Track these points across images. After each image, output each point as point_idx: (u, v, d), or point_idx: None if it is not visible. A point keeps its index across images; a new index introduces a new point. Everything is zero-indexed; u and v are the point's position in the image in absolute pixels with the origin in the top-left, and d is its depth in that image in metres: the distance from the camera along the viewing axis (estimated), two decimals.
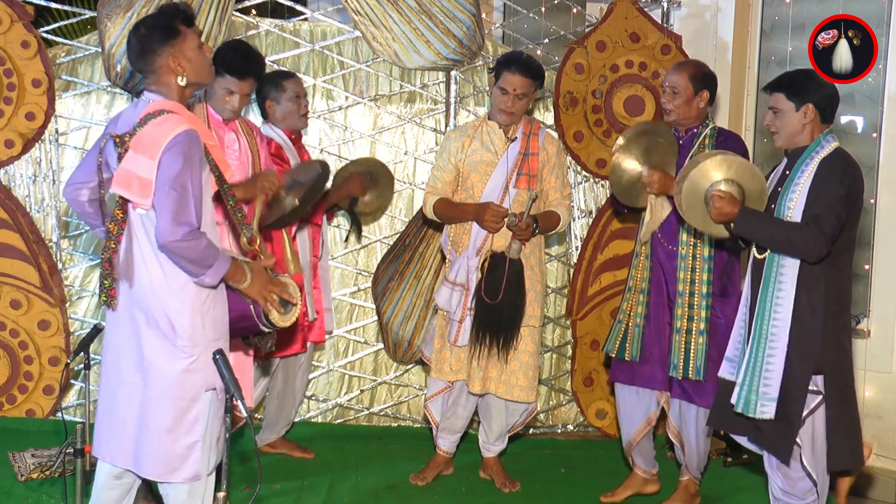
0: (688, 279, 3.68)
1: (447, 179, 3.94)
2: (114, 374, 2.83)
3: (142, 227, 2.74)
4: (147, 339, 2.75)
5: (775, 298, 3.12)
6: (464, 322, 3.85)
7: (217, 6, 4.33)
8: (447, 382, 3.99)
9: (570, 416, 4.94)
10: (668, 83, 3.74)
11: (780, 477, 3.21)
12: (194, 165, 2.68)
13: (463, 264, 3.87)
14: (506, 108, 3.83)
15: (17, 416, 4.50)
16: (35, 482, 3.83)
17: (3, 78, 4.36)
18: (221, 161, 2.86)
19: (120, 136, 2.71)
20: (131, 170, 2.67)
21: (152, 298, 2.73)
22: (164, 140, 2.65)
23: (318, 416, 4.80)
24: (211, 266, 2.69)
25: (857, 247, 4.87)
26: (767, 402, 3.11)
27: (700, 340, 3.65)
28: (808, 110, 3.14)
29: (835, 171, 3.07)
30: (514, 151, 3.89)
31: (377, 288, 4.65)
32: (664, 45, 4.66)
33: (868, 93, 4.84)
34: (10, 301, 4.45)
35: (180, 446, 2.77)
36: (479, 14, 4.55)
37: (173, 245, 2.64)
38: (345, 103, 4.71)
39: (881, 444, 4.75)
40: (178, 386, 2.75)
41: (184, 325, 2.74)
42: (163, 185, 2.64)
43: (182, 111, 2.77)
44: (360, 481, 4.10)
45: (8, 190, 4.47)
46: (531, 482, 4.13)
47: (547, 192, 3.96)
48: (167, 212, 2.63)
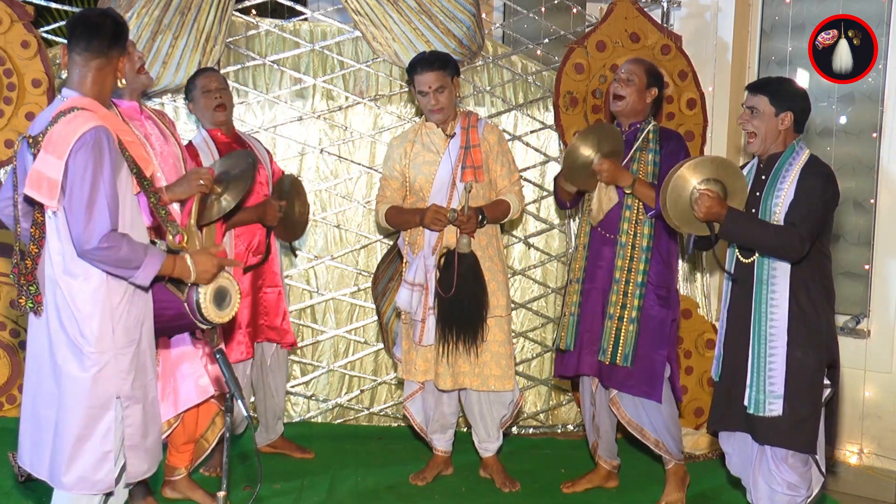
0: (625, 267, 3.76)
1: (395, 186, 3.98)
2: (33, 382, 2.76)
3: (53, 230, 2.64)
4: (58, 345, 2.67)
5: (770, 300, 3.21)
6: (426, 321, 3.87)
7: (217, 6, 4.33)
8: (419, 384, 4.01)
9: (570, 416, 4.93)
10: (624, 71, 3.84)
11: (787, 470, 3.26)
12: (105, 164, 2.57)
13: (420, 264, 3.89)
14: (432, 107, 3.86)
15: (17, 416, 4.47)
16: (35, 482, 3.82)
17: (3, 78, 4.36)
18: (140, 157, 2.76)
19: (34, 136, 2.62)
20: (41, 170, 2.57)
21: (62, 303, 2.65)
22: (72, 138, 2.55)
23: (318, 416, 4.80)
24: (139, 267, 2.60)
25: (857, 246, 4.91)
26: (775, 400, 3.19)
27: (631, 328, 3.73)
28: (786, 117, 3.23)
29: (820, 176, 3.18)
30: (455, 147, 3.91)
31: (377, 288, 4.63)
32: (664, 45, 4.66)
33: (868, 93, 4.84)
34: (11, 301, 4.45)
35: (93, 456, 2.70)
36: (479, 14, 4.55)
37: (91, 253, 2.56)
38: (345, 103, 4.70)
39: (881, 444, 4.75)
40: (88, 393, 2.66)
41: (92, 331, 2.65)
42: (72, 189, 2.54)
43: (96, 108, 2.67)
44: (360, 481, 4.11)
45: None
46: (531, 482, 4.13)
47: (495, 180, 3.99)
48: (79, 217, 2.54)
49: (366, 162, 4.74)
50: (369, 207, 4.73)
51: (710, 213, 3.15)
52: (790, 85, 3.34)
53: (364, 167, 4.72)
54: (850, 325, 4.83)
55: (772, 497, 3.31)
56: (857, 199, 4.90)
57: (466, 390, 3.98)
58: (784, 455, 3.25)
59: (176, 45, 4.29)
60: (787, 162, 3.22)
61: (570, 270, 4.00)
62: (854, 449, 4.82)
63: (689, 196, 3.20)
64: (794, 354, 3.18)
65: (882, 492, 4.60)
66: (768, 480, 3.30)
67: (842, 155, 4.91)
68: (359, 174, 4.72)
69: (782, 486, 3.27)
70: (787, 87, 3.29)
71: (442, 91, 3.84)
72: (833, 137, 4.92)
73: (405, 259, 4.03)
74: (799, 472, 3.26)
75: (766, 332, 3.21)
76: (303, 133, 4.68)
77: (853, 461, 4.81)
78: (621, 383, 3.79)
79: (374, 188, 4.77)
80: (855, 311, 4.88)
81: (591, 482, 4.08)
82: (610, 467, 4.09)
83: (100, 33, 2.70)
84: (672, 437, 3.85)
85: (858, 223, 4.90)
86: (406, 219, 3.95)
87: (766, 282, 3.21)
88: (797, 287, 3.17)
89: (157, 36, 4.28)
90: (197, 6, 4.27)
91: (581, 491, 4.05)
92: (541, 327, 4.86)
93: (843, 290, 4.97)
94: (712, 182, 3.18)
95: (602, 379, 3.87)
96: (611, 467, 4.09)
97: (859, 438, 4.81)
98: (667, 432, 3.83)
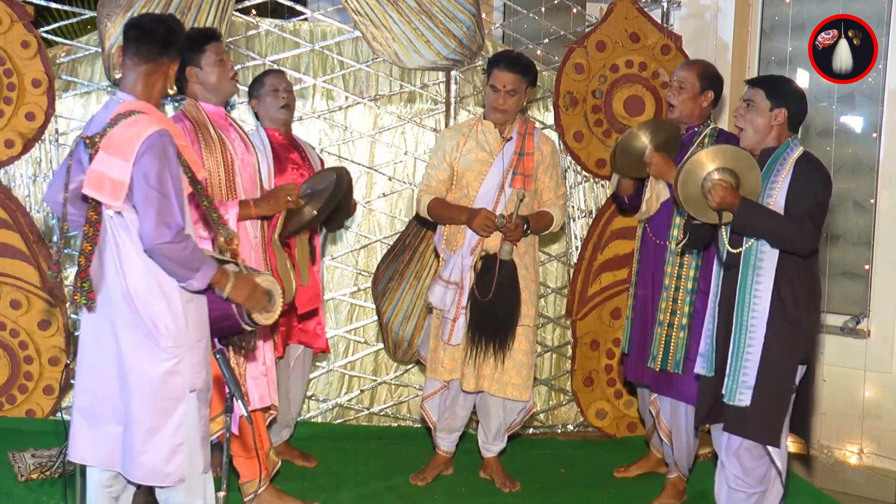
0: (674, 273, 3.75)
1: (442, 178, 3.95)
2: (91, 378, 2.79)
3: (115, 229, 2.70)
4: (127, 341, 2.72)
5: (754, 291, 3.20)
6: (458, 321, 3.86)
7: (217, 6, 4.33)
8: (443, 382, 4.00)
9: (570, 416, 4.94)
10: (675, 78, 3.82)
11: (735, 464, 3.27)
12: (172, 165, 2.64)
13: (457, 263, 3.88)
14: (497, 105, 3.84)
15: (17, 416, 4.50)
16: (35, 482, 3.83)
17: (3, 78, 4.36)
18: (193, 162, 2.81)
19: (90, 137, 2.67)
20: (103, 171, 2.62)
21: (133, 300, 2.70)
22: (137, 141, 2.61)
23: (318, 416, 4.80)
24: (198, 270, 2.67)
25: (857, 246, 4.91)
26: (745, 391, 3.20)
27: (682, 335, 3.73)
28: (780, 114, 3.23)
29: (817, 171, 3.20)
30: (509, 151, 3.89)
31: (377, 288, 4.65)
32: (664, 45, 4.66)
33: (868, 93, 4.84)
34: (10, 301, 4.46)
35: (164, 449, 2.75)
36: (479, 14, 4.55)
37: (161, 247, 2.61)
38: (345, 103, 4.70)
39: (881, 444, 4.75)
40: (162, 387, 2.72)
41: (168, 326, 2.71)
42: (143, 188, 2.60)
43: (152, 111, 2.73)
44: (360, 481, 4.10)
45: (8, 190, 4.48)
46: (531, 482, 4.13)
47: (541, 192, 3.97)
48: (151, 214, 2.59)
49: (365, 162, 4.74)
50: (369, 207, 4.73)
51: (724, 202, 3.15)
52: (789, 84, 3.35)
53: (364, 167, 4.72)
54: (850, 325, 4.83)
55: (720, 488, 3.35)
56: (857, 199, 4.91)
57: (483, 392, 3.98)
58: (737, 447, 3.26)
59: None
60: (780, 157, 3.22)
61: (630, 274, 4.06)
62: (854, 449, 4.82)
63: (703, 183, 3.20)
64: (770, 347, 3.18)
65: (882, 492, 4.60)
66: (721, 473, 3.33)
67: (842, 155, 4.91)
68: (358, 174, 4.72)
69: (729, 477, 3.29)
70: (785, 85, 3.30)
71: (513, 95, 3.83)
72: (833, 137, 4.92)
73: (441, 256, 4.00)
74: (746, 466, 3.25)
75: (748, 322, 3.21)
76: (303, 133, 4.66)
77: (853, 461, 4.81)
78: (676, 391, 3.79)
79: (374, 188, 4.77)
80: (855, 311, 4.89)
81: (643, 468, 4.20)
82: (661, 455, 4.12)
83: (150, 40, 2.75)
84: (688, 450, 3.87)
85: (858, 223, 4.91)
86: (451, 215, 3.90)
87: (752, 273, 3.20)
88: (781, 280, 3.17)
89: None
90: (197, 6, 4.27)
91: (633, 476, 4.19)
92: (541, 327, 4.86)
93: (843, 290, 4.98)
94: (727, 172, 3.18)
95: (653, 385, 3.88)
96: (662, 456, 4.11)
97: (859, 438, 4.81)
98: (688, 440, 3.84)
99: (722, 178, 3.17)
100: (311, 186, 3.66)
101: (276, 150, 3.98)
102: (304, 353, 4.23)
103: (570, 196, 4.73)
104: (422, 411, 4.14)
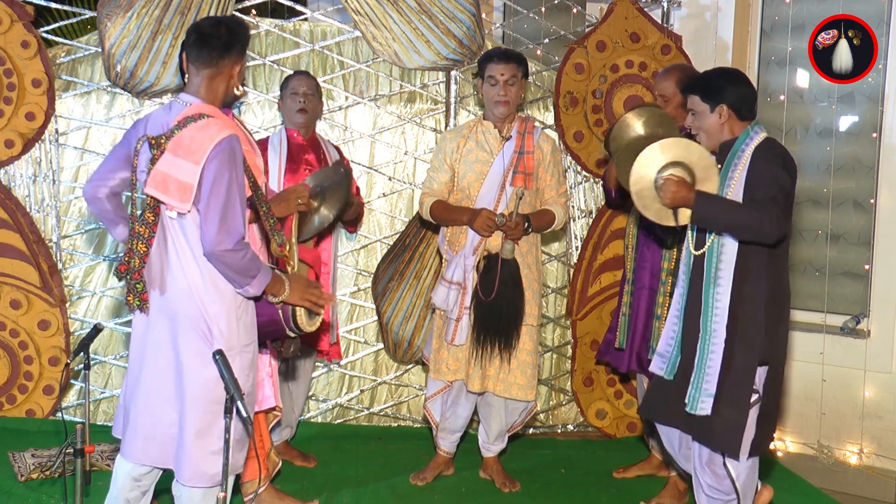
0: (670, 269, 3.75)
1: (443, 180, 3.95)
2: (146, 377, 2.80)
3: (178, 231, 2.71)
4: (183, 342, 2.73)
5: (715, 294, 3.11)
6: (461, 321, 3.86)
7: (217, 6, 4.33)
8: (446, 382, 4.00)
9: (570, 416, 4.94)
10: (657, 92, 3.84)
11: (708, 474, 3.24)
12: (238, 171, 2.66)
13: (460, 263, 3.88)
14: (499, 97, 3.84)
15: (17, 416, 4.50)
16: (35, 482, 3.83)
17: (3, 78, 4.36)
18: (255, 167, 2.83)
19: (156, 138, 2.68)
20: (168, 172, 2.63)
21: (189, 302, 2.72)
22: (208, 145, 2.61)
23: (318, 416, 4.80)
24: (255, 277, 2.69)
25: (857, 246, 4.91)
26: (706, 399, 3.11)
27: None
28: (722, 111, 3.15)
29: (774, 156, 3.08)
30: (509, 150, 3.89)
31: (377, 288, 4.65)
32: (664, 45, 4.66)
33: (868, 93, 4.85)
34: (10, 301, 4.45)
35: (209, 451, 2.76)
36: (479, 14, 4.55)
37: (221, 254, 2.62)
38: (345, 103, 4.71)
39: (881, 444, 4.75)
40: (213, 390, 2.73)
41: (221, 329, 2.73)
42: (210, 192, 2.61)
43: (221, 115, 2.75)
44: (360, 481, 4.10)
45: (8, 190, 4.47)
46: (531, 482, 4.13)
47: (542, 190, 3.97)
48: (215, 220, 2.61)
49: (365, 162, 4.74)
50: (369, 207, 4.73)
51: (677, 198, 3.05)
52: (720, 78, 3.20)
53: (364, 167, 4.72)
54: (850, 325, 4.83)
55: (698, 497, 3.32)
56: (857, 199, 4.91)
57: (487, 392, 3.97)
58: (707, 457, 3.22)
59: (176, 45, 4.29)
60: (739, 147, 3.12)
61: (624, 271, 4.06)
62: (854, 449, 4.82)
63: (654, 183, 3.09)
64: (729, 349, 3.08)
65: (882, 492, 4.60)
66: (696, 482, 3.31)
67: (842, 155, 4.91)
68: (358, 174, 4.72)
69: (703, 486, 3.27)
70: (717, 81, 3.17)
71: (512, 84, 3.84)
72: (833, 137, 4.92)
73: (444, 257, 4.01)
74: (716, 477, 3.22)
75: (711, 327, 3.11)
76: None
77: (853, 461, 4.81)
78: None
79: (374, 188, 4.78)
80: (855, 311, 4.89)
81: (643, 470, 4.18)
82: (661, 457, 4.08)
83: (209, 44, 2.75)
84: None
85: (858, 223, 4.91)
86: (453, 217, 3.91)
87: (714, 274, 3.11)
88: (740, 279, 3.06)
89: (157, 36, 4.28)
90: (197, 6, 4.27)
91: (632, 477, 4.17)
92: (541, 327, 4.86)
93: (843, 290, 4.98)
94: (679, 167, 3.08)
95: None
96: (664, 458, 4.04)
97: (859, 438, 4.81)
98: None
99: (671, 173, 3.06)
100: (319, 184, 3.62)
101: (292, 151, 4.03)
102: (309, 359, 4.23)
103: (571, 196, 4.73)
104: (424, 411, 4.14)
